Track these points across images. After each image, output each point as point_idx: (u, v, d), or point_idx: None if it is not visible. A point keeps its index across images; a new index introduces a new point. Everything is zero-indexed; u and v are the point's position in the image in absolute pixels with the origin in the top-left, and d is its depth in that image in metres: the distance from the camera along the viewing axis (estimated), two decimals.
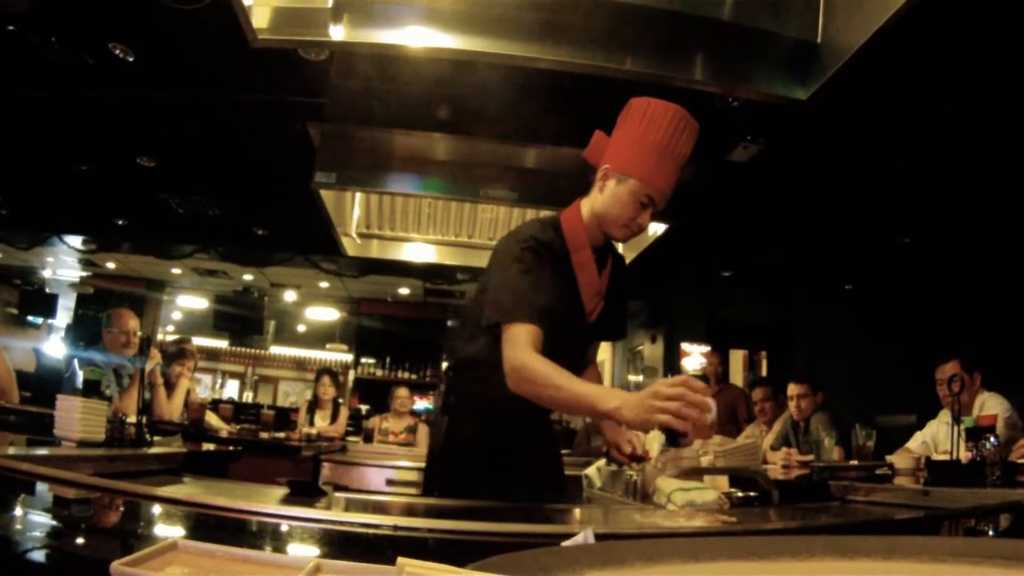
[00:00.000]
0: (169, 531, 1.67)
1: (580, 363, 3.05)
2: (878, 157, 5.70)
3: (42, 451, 2.73)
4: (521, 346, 2.57)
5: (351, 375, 14.22)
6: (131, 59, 4.92)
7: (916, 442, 5.42)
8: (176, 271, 12.97)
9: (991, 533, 2.10)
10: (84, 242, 11.03)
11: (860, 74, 3.61)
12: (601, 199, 2.82)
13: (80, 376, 5.10)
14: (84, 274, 13.75)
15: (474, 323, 2.86)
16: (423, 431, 8.21)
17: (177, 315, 15.60)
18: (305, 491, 2.34)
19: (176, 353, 6.85)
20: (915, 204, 6.58)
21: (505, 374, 2.57)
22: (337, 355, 15.35)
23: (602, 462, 3.68)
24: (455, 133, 5.35)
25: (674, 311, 11.55)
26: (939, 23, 3.73)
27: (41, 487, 1.98)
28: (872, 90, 4.41)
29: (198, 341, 13.30)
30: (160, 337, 13.86)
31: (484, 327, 2.73)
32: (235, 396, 15.47)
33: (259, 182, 7.28)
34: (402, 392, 8.35)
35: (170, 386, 6.67)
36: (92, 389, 3.48)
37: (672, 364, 11.41)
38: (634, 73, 3.75)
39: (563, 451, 4.72)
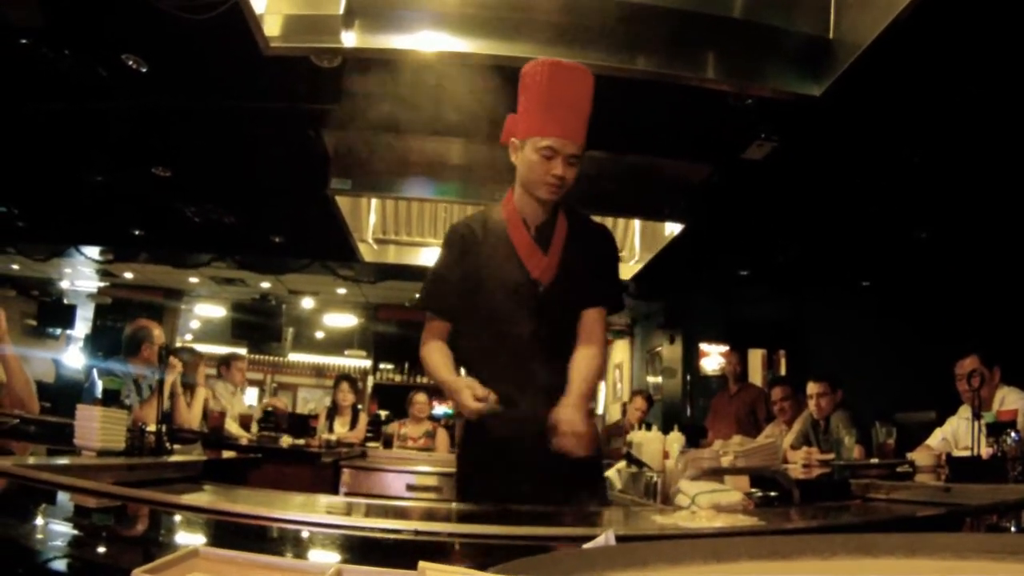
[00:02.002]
0: (190, 538, 1.68)
1: (558, 331, 3.05)
2: (893, 152, 5.67)
3: (63, 461, 2.74)
4: (425, 338, 3.13)
5: (370, 381, 14.24)
6: (144, 70, 4.94)
7: (936, 439, 5.39)
8: (193, 280, 13.00)
9: (1014, 529, 2.08)
10: (101, 253, 11.06)
11: (873, 69, 3.60)
12: (519, 170, 3.00)
13: (99, 386, 5.12)
14: (102, 284, 13.80)
15: None
16: (442, 436, 8.21)
17: (195, 324, 15.64)
18: None
19: (191, 361, 6.85)
20: (931, 199, 6.54)
21: None
22: (355, 361, 15.35)
23: (622, 464, 3.67)
24: (469, 137, 5.35)
25: (692, 311, 11.53)
26: (951, 15, 3.71)
27: (62, 496, 1.99)
28: (885, 85, 4.38)
29: (217, 350, 13.38)
30: (179, 345, 13.91)
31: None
32: (254, 404, 15.50)
33: (275, 190, 7.29)
34: (420, 397, 8.34)
35: (191, 387, 6.68)
36: (111, 399, 3.50)
37: (691, 364, 11.39)
38: (646, 72, 3.75)
39: None
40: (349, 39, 3.64)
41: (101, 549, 1.48)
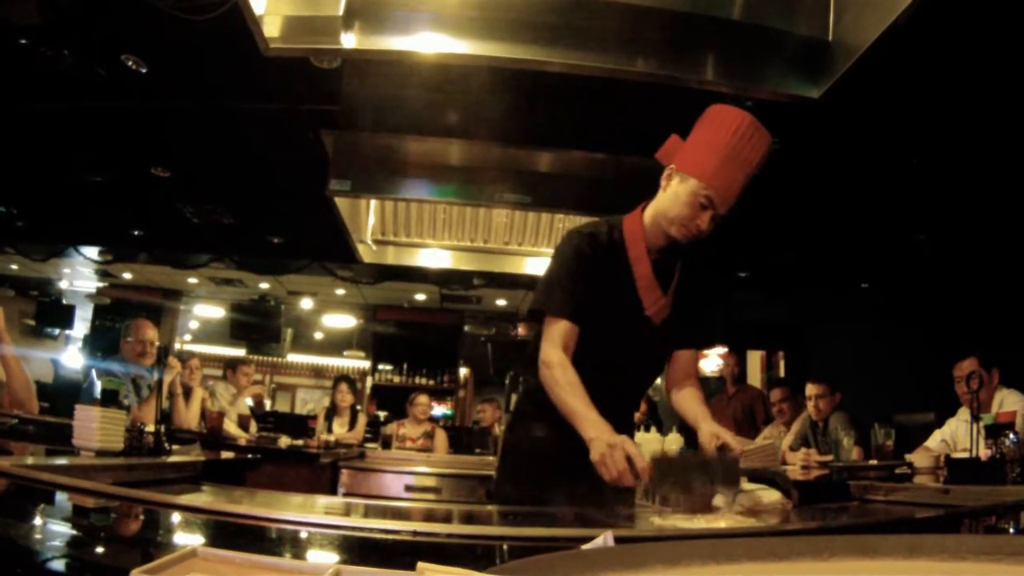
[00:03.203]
0: (188, 539, 1.68)
1: (651, 366, 3.18)
2: (892, 154, 5.68)
3: (61, 461, 2.74)
4: (551, 342, 2.79)
5: (368, 382, 14.23)
6: (144, 70, 4.95)
7: (935, 440, 5.40)
8: (192, 280, 12.99)
9: (1012, 530, 2.09)
10: (100, 253, 11.05)
11: (872, 71, 3.60)
12: (663, 197, 2.91)
13: (98, 386, 5.12)
14: (101, 285, 13.78)
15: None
16: (441, 437, 8.22)
17: (194, 324, 15.63)
18: None
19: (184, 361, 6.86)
20: (930, 201, 6.55)
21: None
22: (354, 362, 15.34)
23: None
24: (468, 138, 5.35)
25: None
26: (950, 18, 3.72)
27: (61, 497, 1.99)
28: (884, 87, 4.39)
29: (216, 351, 13.37)
30: (177, 346, 13.90)
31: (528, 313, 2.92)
32: (252, 404, 15.47)
33: (274, 190, 7.30)
34: (423, 399, 8.36)
35: (187, 394, 6.68)
36: (110, 399, 3.49)
37: None
38: (645, 75, 3.74)
39: None
40: (349, 40, 3.63)
41: (100, 549, 1.48)
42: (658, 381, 11.38)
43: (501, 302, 12.80)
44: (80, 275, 13.08)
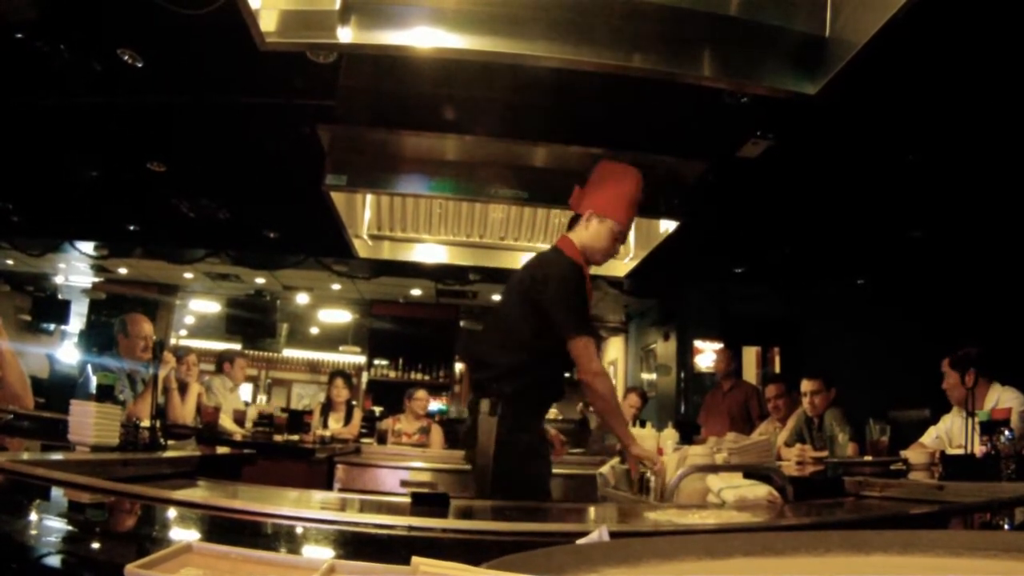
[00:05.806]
0: (184, 534, 1.68)
1: None
2: (889, 151, 5.67)
3: (57, 456, 2.74)
4: (596, 356, 3.64)
5: (364, 377, 14.22)
6: (140, 65, 4.93)
7: (930, 436, 5.41)
8: (188, 275, 12.98)
9: (1007, 526, 2.09)
10: (96, 248, 11.03)
11: (869, 67, 3.60)
12: (588, 235, 3.91)
13: (94, 381, 5.11)
14: (96, 280, 13.77)
15: (511, 333, 3.76)
16: (436, 432, 8.22)
17: (190, 319, 15.62)
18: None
19: (180, 357, 6.85)
20: (927, 198, 6.55)
21: (586, 375, 3.54)
22: (350, 357, 15.35)
23: (616, 460, 3.68)
24: (464, 133, 5.34)
25: (687, 308, 11.54)
26: (947, 14, 3.71)
27: (56, 492, 1.98)
28: (881, 83, 4.39)
29: (210, 345, 13.35)
30: (173, 341, 13.88)
31: (528, 338, 3.66)
32: (249, 399, 15.47)
33: (270, 185, 7.28)
34: (421, 394, 8.37)
35: (183, 389, 6.68)
36: (106, 394, 3.49)
37: (685, 362, 11.39)
38: (642, 70, 3.74)
39: (576, 450, 5.76)
40: (345, 35, 3.62)
41: (95, 544, 1.48)
42: (654, 376, 11.47)
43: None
44: (76, 270, 13.07)
